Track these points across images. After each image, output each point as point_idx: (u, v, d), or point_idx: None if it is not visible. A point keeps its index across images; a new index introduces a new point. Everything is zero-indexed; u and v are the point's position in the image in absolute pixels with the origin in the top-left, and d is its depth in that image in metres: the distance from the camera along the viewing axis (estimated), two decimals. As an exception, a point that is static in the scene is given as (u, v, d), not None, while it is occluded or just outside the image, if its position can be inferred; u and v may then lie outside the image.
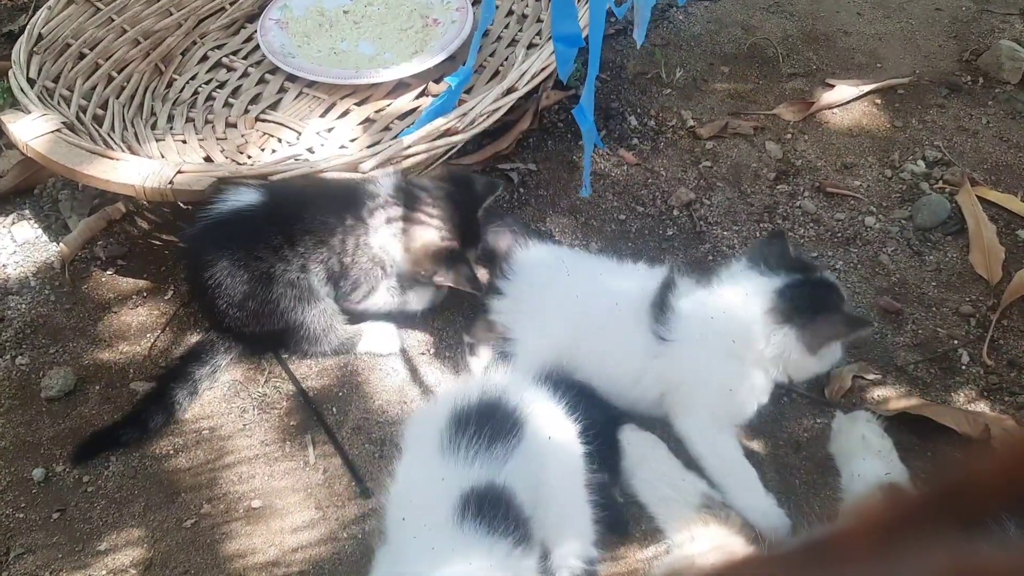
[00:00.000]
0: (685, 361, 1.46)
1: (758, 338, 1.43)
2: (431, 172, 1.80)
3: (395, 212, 1.60)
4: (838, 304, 1.46)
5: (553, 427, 1.36)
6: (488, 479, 1.24)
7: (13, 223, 1.95)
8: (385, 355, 1.67)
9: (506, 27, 2.25)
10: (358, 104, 2.08)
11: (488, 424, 1.29)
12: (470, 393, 1.35)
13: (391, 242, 1.61)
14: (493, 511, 1.19)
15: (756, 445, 1.54)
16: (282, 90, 2.14)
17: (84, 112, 1.93)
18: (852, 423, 1.48)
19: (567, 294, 1.54)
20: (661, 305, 1.49)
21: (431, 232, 1.60)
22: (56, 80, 1.94)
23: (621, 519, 1.42)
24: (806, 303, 1.44)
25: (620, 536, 1.40)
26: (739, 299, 1.46)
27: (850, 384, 1.61)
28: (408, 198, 1.61)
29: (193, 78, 2.17)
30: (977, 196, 1.92)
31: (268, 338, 1.65)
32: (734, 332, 1.45)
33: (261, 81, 2.17)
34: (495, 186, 1.69)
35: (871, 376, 1.63)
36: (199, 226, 1.60)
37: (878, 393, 1.60)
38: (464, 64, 1.92)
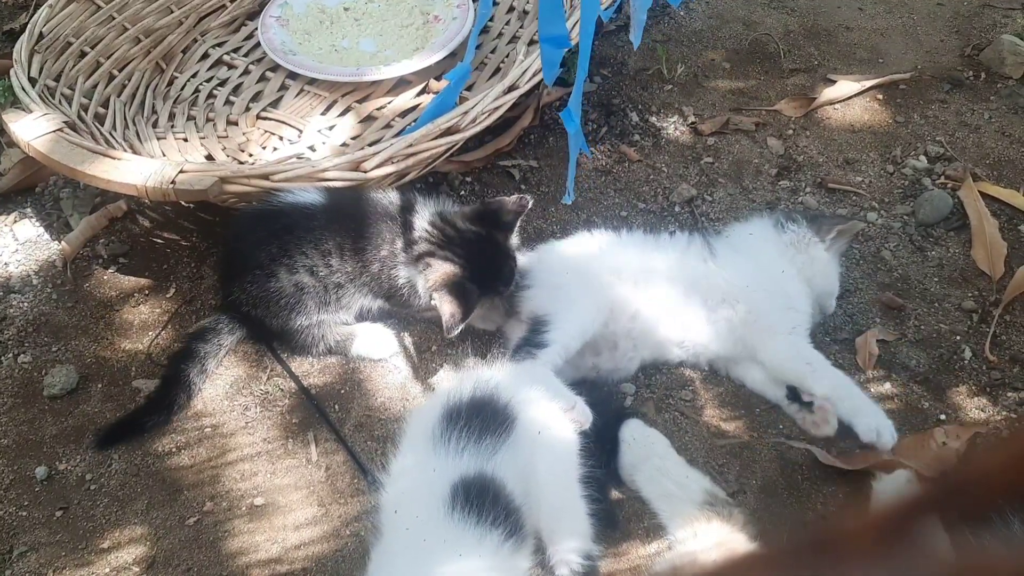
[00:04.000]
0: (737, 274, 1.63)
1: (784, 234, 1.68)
2: (434, 168, 1.80)
3: (425, 248, 1.58)
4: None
5: (546, 422, 1.37)
6: (477, 470, 1.26)
7: (15, 221, 1.95)
8: (377, 360, 1.67)
9: (507, 24, 2.25)
10: (359, 102, 2.08)
11: (478, 418, 1.32)
12: (463, 388, 1.38)
13: (417, 277, 1.58)
14: (481, 500, 1.22)
15: (757, 442, 1.54)
16: (283, 88, 2.14)
17: (85, 111, 1.93)
18: (894, 483, 1.41)
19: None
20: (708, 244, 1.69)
21: (450, 267, 1.55)
22: (57, 79, 1.94)
23: (612, 514, 1.42)
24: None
25: (612, 531, 1.40)
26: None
27: (877, 351, 1.64)
28: (440, 235, 1.58)
29: (194, 76, 2.17)
30: (979, 191, 1.92)
31: (264, 328, 1.66)
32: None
33: (262, 79, 2.17)
34: (525, 203, 1.60)
35: (890, 338, 1.68)
36: (259, 209, 1.64)
37: (881, 389, 1.61)
38: (463, 61, 1.92)
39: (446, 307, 1.51)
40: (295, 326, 1.63)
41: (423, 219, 1.61)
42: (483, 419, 1.32)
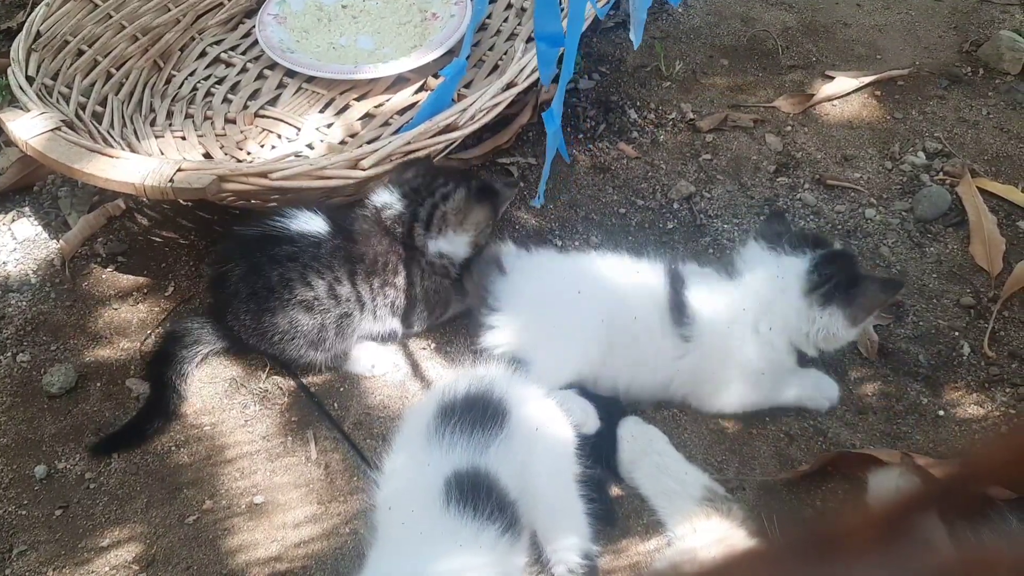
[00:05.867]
0: (714, 355, 1.47)
1: (802, 321, 1.43)
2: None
3: (424, 214, 1.61)
4: (866, 272, 1.45)
5: (541, 419, 1.38)
6: (470, 464, 1.27)
7: (13, 220, 1.95)
8: (370, 377, 1.65)
9: (505, 21, 2.25)
10: (357, 99, 2.08)
11: (471, 413, 1.32)
12: (458, 385, 1.38)
13: (444, 239, 1.61)
14: (475, 494, 1.23)
15: (756, 438, 1.54)
16: (281, 86, 2.14)
17: (83, 109, 1.93)
18: (888, 476, 1.41)
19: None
20: (679, 306, 1.48)
21: (460, 189, 1.62)
22: (55, 77, 1.94)
23: (611, 511, 1.42)
24: (845, 278, 1.43)
25: (611, 528, 1.40)
26: (772, 285, 1.45)
27: (877, 337, 1.65)
28: (418, 194, 1.62)
29: (192, 74, 2.17)
30: (977, 187, 1.92)
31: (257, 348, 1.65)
32: (773, 319, 1.44)
33: (260, 77, 2.17)
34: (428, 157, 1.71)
35: (884, 322, 1.68)
36: (260, 231, 1.60)
37: (879, 385, 1.61)
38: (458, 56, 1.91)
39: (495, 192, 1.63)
40: (289, 356, 1.61)
41: (397, 201, 1.62)
42: (475, 414, 1.33)
